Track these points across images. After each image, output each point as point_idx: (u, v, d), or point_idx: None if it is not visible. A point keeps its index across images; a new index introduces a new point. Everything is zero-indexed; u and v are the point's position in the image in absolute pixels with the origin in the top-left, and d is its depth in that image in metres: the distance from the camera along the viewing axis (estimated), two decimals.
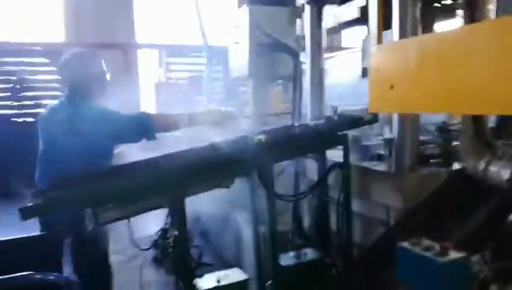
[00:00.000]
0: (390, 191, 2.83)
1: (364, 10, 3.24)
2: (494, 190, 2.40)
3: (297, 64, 4.06)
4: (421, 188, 2.74)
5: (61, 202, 2.26)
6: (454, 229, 2.41)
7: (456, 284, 1.98)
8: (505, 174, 2.20)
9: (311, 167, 3.60)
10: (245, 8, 4.46)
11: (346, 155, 3.09)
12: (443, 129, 3.07)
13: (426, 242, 2.13)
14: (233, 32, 4.82)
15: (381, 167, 3.02)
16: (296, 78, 4.06)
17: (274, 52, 4.42)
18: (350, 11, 3.38)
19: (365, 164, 3.15)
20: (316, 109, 3.89)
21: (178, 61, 11.13)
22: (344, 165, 3.09)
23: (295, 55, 4.09)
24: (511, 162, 2.23)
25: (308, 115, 3.95)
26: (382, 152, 3.14)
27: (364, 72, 3.60)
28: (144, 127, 3.02)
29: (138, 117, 3.07)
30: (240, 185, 2.87)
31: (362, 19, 3.32)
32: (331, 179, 3.27)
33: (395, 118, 2.90)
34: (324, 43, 3.88)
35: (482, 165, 2.41)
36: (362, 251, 3.03)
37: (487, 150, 2.45)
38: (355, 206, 3.13)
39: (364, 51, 3.55)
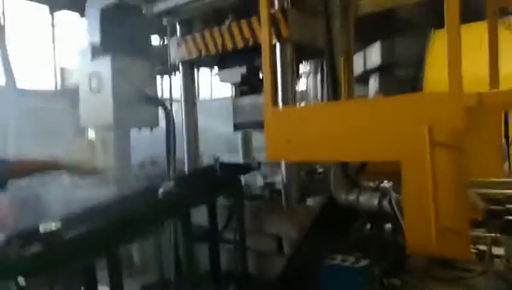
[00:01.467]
0: (283, 222, 3.46)
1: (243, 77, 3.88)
2: (361, 213, 3.33)
3: (170, 117, 4.34)
4: (306, 217, 3.47)
5: None
6: (342, 243, 3.22)
7: (366, 282, 2.74)
8: (374, 202, 3.13)
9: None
10: (106, 58, 4.49)
11: (241, 199, 3.58)
12: (311, 173, 3.94)
13: (339, 257, 2.84)
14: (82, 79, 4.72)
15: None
16: (169, 130, 4.33)
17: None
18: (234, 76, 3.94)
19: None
20: (192, 157, 4.26)
21: None
22: (240, 208, 3.56)
23: (167, 109, 4.37)
24: (375, 193, 3.17)
25: (185, 163, 4.27)
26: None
27: (236, 126, 4.23)
28: None
29: None
30: None
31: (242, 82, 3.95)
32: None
33: (283, 164, 3.58)
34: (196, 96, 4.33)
35: (353, 197, 3.31)
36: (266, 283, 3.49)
37: (353, 185, 3.38)
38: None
39: (236, 109, 4.18)
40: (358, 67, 7.34)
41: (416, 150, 2.51)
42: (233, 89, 4.53)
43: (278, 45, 3.47)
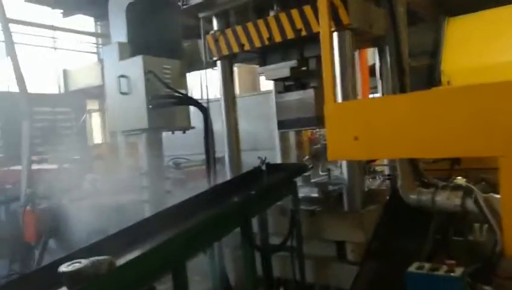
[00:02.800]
0: (349, 228, 3.18)
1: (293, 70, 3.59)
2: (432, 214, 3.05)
3: (207, 118, 4.05)
4: (371, 222, 3.19)
5: None
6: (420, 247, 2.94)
7: None
8: (457, 202, 2.85)
9: None
10: (137, 58, 4.19)
11: (296, 202, 3.30)
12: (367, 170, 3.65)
13: (427, 265, 2.55)
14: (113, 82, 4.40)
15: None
16: (207, 130, 4.04)
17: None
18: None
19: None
20: (235, 159, 3.97)
21: None
22: (296, 212, 3.27)
23: (205, 110, 4.07)
24: (455, 192, 2.89)
25: (227, 165, 3.98)
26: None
27: (281, 125, 3.94)
28: None
29: None
30: None
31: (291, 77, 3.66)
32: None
33: (344, 164, 3.30)
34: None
35: (426, 197, 3.03)
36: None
37: (425, 184, 3.10)
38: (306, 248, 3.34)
39: (279, 106, 3.89)
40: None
41: None
42: (274, 85, 4.24)
43: (335, 34, 3.18)
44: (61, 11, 6.72)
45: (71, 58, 13.97)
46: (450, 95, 2.62)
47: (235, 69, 4.25)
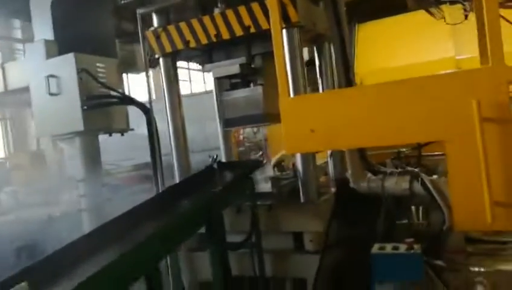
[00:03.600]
0: (307, 218, 3.26)
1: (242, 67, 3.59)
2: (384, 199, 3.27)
3: (151, 119, 3.88)
4: (327, 211, 3.32)
5: None
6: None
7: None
8: (405, 186, 3.08)
9: None
10: (68, 56, 3.87)
11: (254, 198, 3.31)
12: None
13: (388, 245, 2.73)
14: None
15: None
16: (152, 132, 3.88)
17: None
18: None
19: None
20: (183, 161, 3.85)
21: None
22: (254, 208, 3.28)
23: (148, 110, 3.89)
24: (403, 177, 3.13)
25: (175, 167, 3.85)
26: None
27: (227, 123, 3.92)
28: None
29: None
30: None
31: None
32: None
33: (298, 157, 3.38)
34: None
35: (375, 183, 3.23)
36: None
37: (373, 171, 3.30)
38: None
39: (226, 104, 3.87)
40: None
41: (464, 127, 2.49)
42: (217, 82, 4.21)
43: (284, 31, 3.25)
44: None
45: None
46: (397, 87, 2.83)
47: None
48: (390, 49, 10.61)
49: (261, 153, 3.65)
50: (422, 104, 2.62)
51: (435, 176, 3.10)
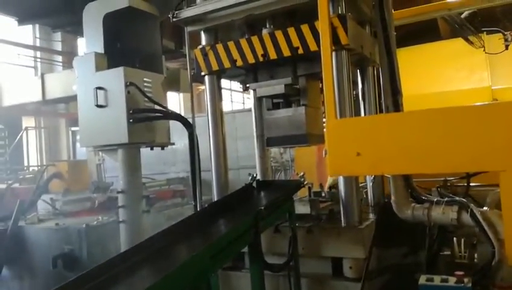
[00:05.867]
0: (349, 243, 3.20)
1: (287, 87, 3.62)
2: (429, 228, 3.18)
3: (192, 134, 3.93)
4: (369, 236, 3.25)
5: None
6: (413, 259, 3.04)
7: None
8: (452, 216, 2.99)
9: None
10: (118, 70, 3.99)
11: (294, 219, 3.28)
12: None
13: (436, 277, 2.63)
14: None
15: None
16: (193, 147, 3.92)
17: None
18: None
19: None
20: (222, 178, 3.86)
21: None
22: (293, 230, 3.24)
23: (190, 126, 3.95)
24: (450, 207, 3.04)
25: (213, 184, 3.86)
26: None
27: (270, 142, 3.93)
28: None
29: None
30: None
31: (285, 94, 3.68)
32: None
33: (341, 180, 3.34)
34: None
35: (420, 212, 3.15)
36: None
37: (418, 199, 3.23)
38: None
39: (268, 123, 3.89)
40: None
41: None
42: (257, 102, 4.25)
43: (333, 54, 3.26)
44: (16, 18, 6.26)
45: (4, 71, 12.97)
46: (450, 114, 2.78)
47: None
48: (425, 76, 10.55)
49: (302, 173, 3.60)
50: (477, 132, 2.56)
51: (485, 208, 2.99)
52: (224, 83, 6.31)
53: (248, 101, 18.92)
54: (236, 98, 22.74)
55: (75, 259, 4.15)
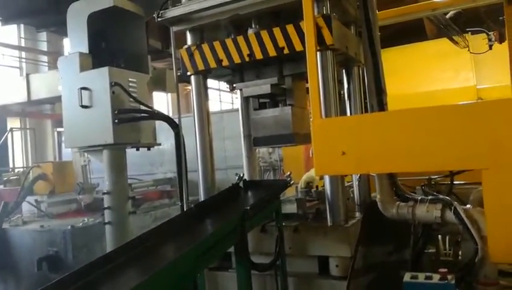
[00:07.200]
0: (335, 242, 3.21)
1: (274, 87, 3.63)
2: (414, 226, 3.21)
3: (179, 134, 3.91)
4: (355, 235, 3.27)
5: None
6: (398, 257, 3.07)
7: None
8: (436, 214, 3.02)
9: None
10: (102, 70, 3.96)
11: (280, 219, 3.29)
12: None
13: (420, 275, 2.66)
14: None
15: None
16: (179, 147, 3.91)
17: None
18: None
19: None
20: (209, 178, 3.85)
21: None
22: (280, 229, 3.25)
23: (176, 126, 3.93)
24: (434, 205, 3.07)
25: (200, 184, 3.85)
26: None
27: (256, 141, 3.93)
28: None
29: None
30: None
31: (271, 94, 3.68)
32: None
33: (327, 179, 3.36)
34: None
35: (404, 210, 3.17)
36: None
37: (403, 198, 3.26)
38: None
39: (255, 123, 3.89)
40: None
41: (504, 156, 2.45)
42: (244, 102, 4.25)
43: (318, 54, 3.27)
44: (0, 18, 6.17)
45: None
46: (434, 113, 2.81)
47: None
48: (411, 76, 10.66)
49: (289, 173, 3.61)
50: (460, 130, 2.59)
51: (468, 206, 3.03)
52: (213, 83, 6.32)
53: (236, 101, 18.89)
54: (225, 98, 22.69)
55: (60, 261, 4.11)
